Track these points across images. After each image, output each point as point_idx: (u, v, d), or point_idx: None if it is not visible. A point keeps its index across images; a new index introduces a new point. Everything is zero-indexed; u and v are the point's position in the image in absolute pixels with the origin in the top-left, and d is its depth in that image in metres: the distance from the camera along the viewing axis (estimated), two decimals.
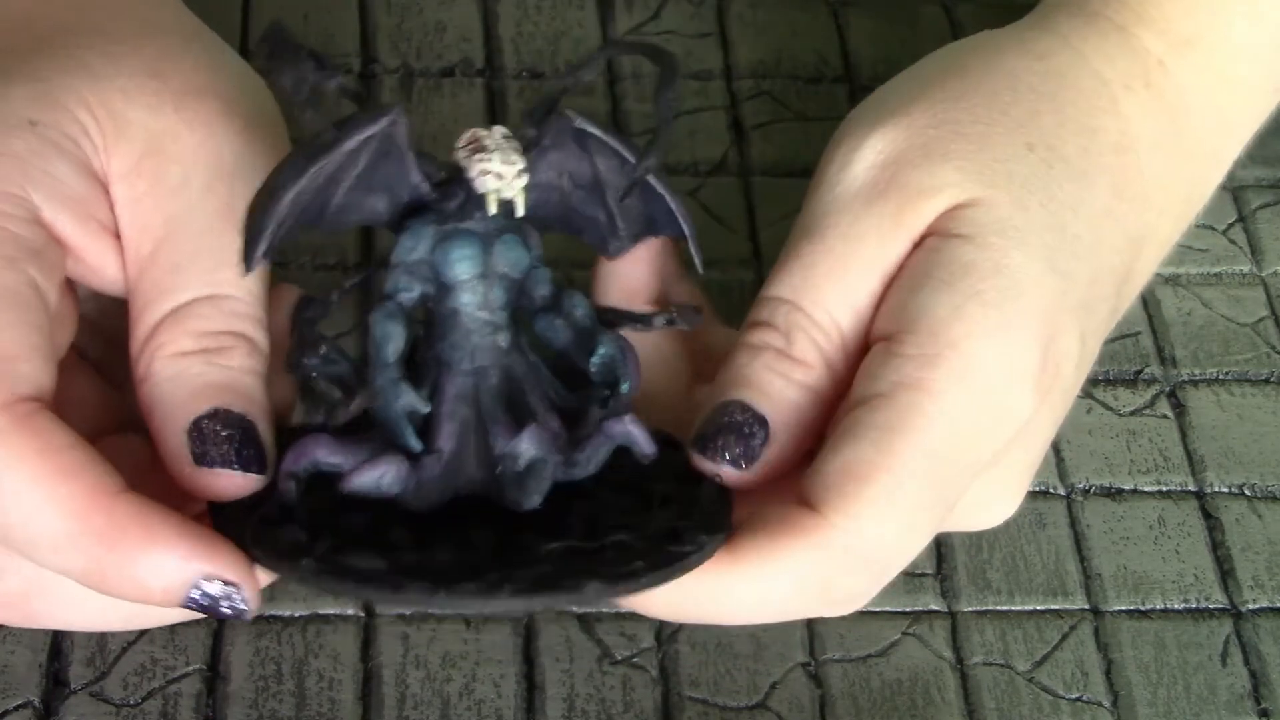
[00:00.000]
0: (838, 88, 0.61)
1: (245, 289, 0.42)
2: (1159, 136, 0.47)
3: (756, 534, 0.41)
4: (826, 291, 0.43)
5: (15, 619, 0.42)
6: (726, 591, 0.41)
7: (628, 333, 0.43)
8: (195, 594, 0.39)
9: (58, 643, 0.47)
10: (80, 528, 0.38)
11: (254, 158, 0.43)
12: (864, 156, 0.44)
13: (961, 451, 0.41)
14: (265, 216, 0.39)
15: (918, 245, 0.44)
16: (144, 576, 0.38)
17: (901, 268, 0.43)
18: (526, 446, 0.40)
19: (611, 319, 0.43)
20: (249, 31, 0.59)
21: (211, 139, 0.42)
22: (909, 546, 0.42)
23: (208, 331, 0.41)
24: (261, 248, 0.39)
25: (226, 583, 0.39)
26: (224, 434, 0.40)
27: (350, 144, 0.39)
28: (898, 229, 0.43)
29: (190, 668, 0.47)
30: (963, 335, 0.41)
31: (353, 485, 0.39)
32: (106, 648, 0.47)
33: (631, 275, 0.45)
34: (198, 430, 0.40)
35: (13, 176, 0.40)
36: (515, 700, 0.48)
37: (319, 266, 0.55)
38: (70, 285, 0.43)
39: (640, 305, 0.45)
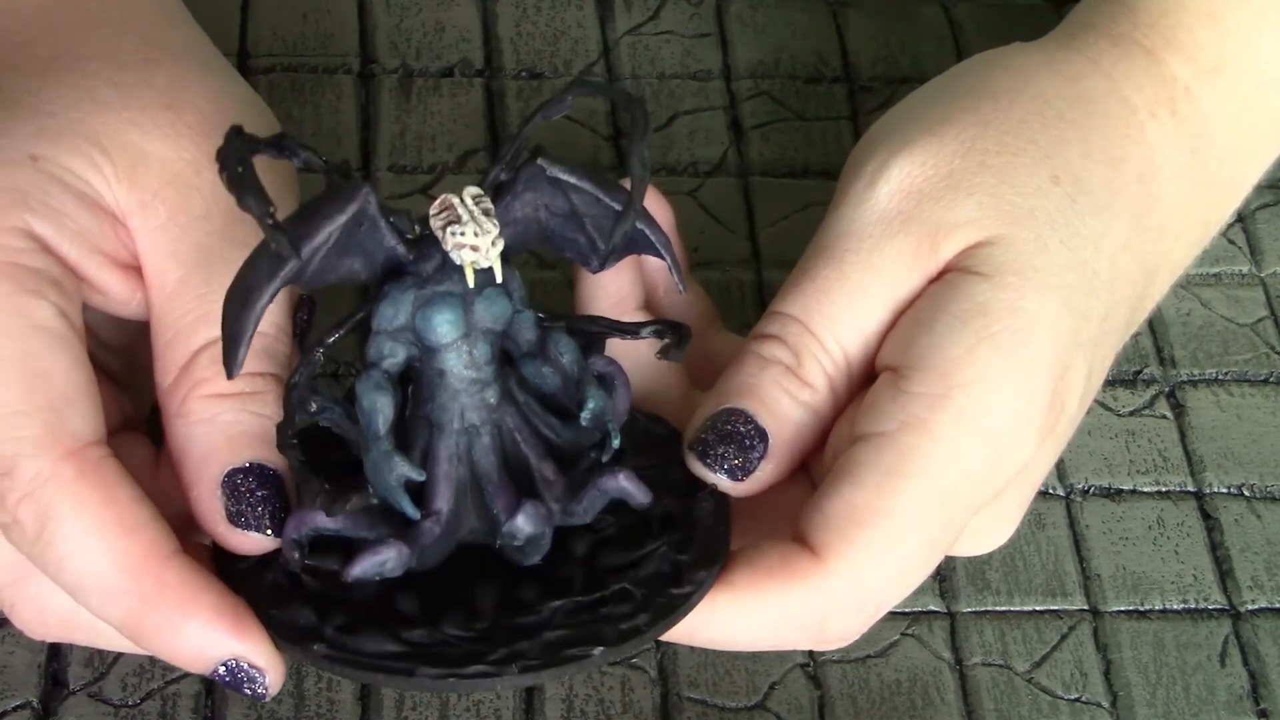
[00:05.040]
0: (837, 88, 0.61)
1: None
2: (1181, 165, 0.46)
3: (755, 570, 0.41)
4: (838, 319, 0.43)
5: (58, 637, 0.42)
6: (721, 622, 0.41)
7: (616, 342, 0.43)
8: (221, 669, 0.39)
9: (57, 644, 0.47)
10: (129, 584, 0.39)
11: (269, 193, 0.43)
12: (890, 179, 0.44)
13: (962, 495, 0.41)
14: (243, 322, 0.38)
15: (935, 278, 0.43)
16: (178, 644, 0.39)
17: (915, 299, 0.43)
18: (523, 525, 0.40)
19: (599, 329, 0.43)
20: (248, 33, 0.59)
21: None
22: (904, 588, 0.42)
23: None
24: (243, 350, 0.38)
25: (252, 665, 0.39)
26: (259, 494, 0.40)
27: (319, 239, 0.38)
28: (915, 264, 0.43)
29: None
30: (972, 378, 0.41)
31: (355, 575, 0.39)
32: None
33: (615, 285, 0.45)
34: (233, 486, 0.40)
35: (14, 211, 0.40)
36: (514, 701, 0.48)
37: None
38: None
39: (629, 314, 0.45)
